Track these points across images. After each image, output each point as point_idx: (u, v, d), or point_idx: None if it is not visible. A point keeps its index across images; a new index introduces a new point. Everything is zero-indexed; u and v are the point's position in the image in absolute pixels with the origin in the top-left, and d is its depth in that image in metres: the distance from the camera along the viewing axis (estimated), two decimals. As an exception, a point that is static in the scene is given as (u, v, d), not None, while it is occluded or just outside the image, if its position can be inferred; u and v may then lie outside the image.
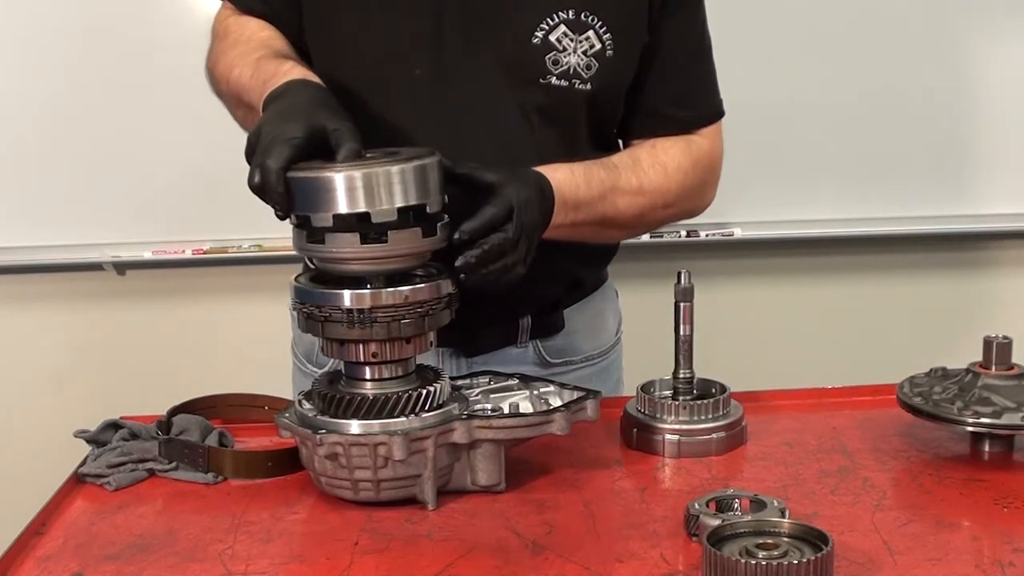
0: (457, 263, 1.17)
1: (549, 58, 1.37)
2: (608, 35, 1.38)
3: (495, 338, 1.51)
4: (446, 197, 1.18)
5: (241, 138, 1.47)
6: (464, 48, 1.38)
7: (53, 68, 2.40)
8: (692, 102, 1.50)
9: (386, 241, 1.13)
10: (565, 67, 1.37)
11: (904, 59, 2.53)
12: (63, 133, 2.42)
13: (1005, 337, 1.30)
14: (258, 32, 1.45)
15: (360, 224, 1.12)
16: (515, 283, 1.22)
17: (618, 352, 1.65)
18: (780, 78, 2.47)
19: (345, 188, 1.11)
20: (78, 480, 1.27)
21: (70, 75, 2.40)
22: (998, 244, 2.72)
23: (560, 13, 1.36)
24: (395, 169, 1.12)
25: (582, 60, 1.37)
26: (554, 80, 1.38)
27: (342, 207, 1.11)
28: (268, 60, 1.35)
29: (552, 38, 1.36)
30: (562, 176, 1.33)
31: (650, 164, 1.44)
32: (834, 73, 2.52)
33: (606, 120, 1.48)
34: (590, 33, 1.37)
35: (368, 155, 1.15)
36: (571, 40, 1.37)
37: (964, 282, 2.72)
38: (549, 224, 1.29)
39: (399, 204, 1.12)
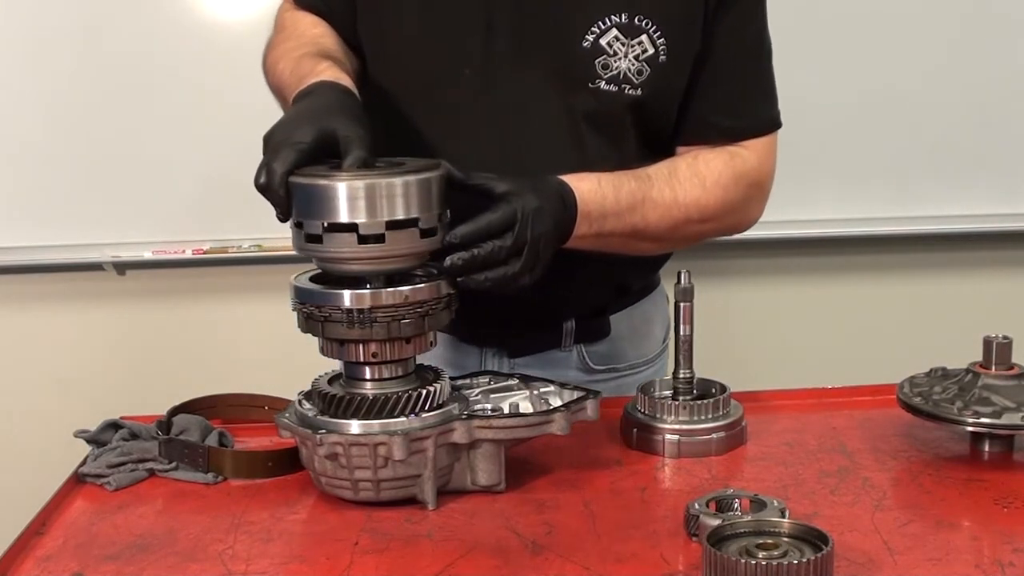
0: (445, 263, 1.16)
1: (599, 62, 1.34)
2: (662, 40, 1.34)
3: (539, 340, 1.51)
4: (448, 212, 1.18)
5: (241, 139, 1.48)
6: (514, 49, 1.36)
7: (54, 68, 2.40)
8: (742, 111, 1.44)
9: (384, 241, 1.13)
10: (615, 72, 1.34)
11: (904, 59, 2.53)
12: (64, 133, 2.42)
13: (1005, 337, 1.30)
14: (310, 29, 1.44)
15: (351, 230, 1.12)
16: (521, 292, 1.21)
17: (664, 360, 1.63)
18: (780, 78, 2.47)
19: (346, 197, 1.11)
20: (78, 480, 1.27)
21: (71, 75, 2.40)
22: (998, 244, 2.72)
23: (613, 16, 1.33)
24: (398, 181, 1.13)
25: (633, 65, 1.34)
26: (603, 85, 1.35)
27: (342, 216, 1.11)
28: (309, 58, 1.35)
29: (603, 42, 1.34)
30: (588, 186, 1.30)
31: (687, 176, 1.39)
32: (834, 73, 2.52)
33: (658, 127, 1.43)
34: (643, 37, 1.34)
35: (377, 164, 1.16)
36: (623, 44, 1.34)
37: (964, 282, 2.72)
38: (570, 235, 1.27)
39: (399, 216, 1.13)
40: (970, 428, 1.25)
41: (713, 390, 1.36)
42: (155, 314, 2.58)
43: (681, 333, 1.34)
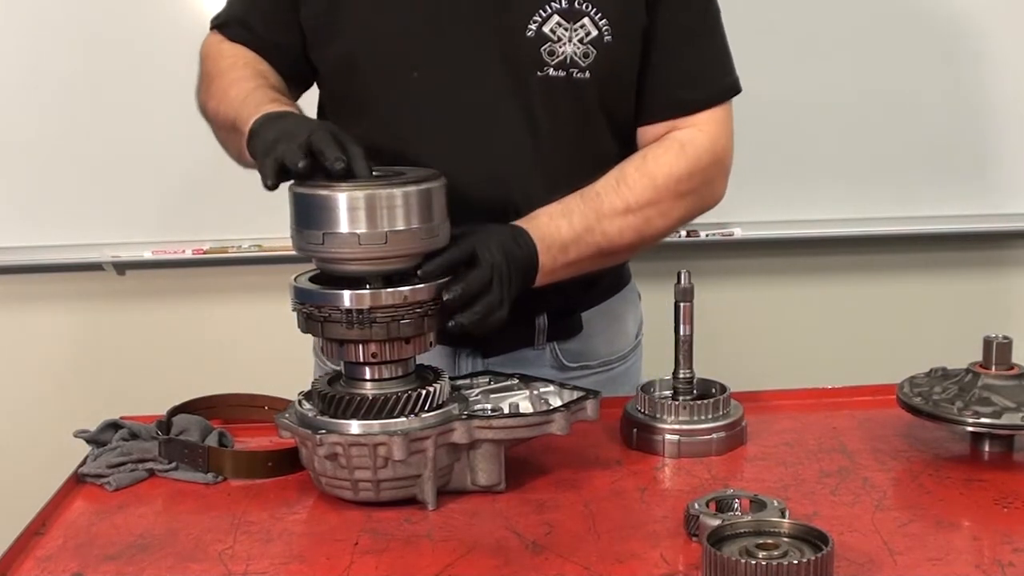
0: (445, 296, 1.17)
1: (544, 49, 1.36)
2: (604, 20, 1.37)
3: (512, 338, 1.50)
4: (448, 221, 1.19)
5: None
6: (460, 47, 1.38)
7: (54, 69, 2.39)
8: (698, 82, 1.45)
9: (385, 242, 1.13)
10: (561, 57, 1.36)
11: (904, 59, 2.52)
12: (64, 134, 2.42)
13: (1005, 337, 1.30)
14: (254, 63, 1.46)
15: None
16: (500, 326, 1.23)
17: (637, 356, 1.64)
18: (780, 78, 2.47)
19: (347, 208, 1.12)
20: (78, 480, 1.27)
21: (71, 76, 2.40)
22: (998, 244, 2.72)
23: (553, 3, 1.36)
24: (398, 191, 1.13)
25: (579, 48, 1.36)
26: (551, 71, 1.37)
27: (343, 227, 1.12)
28: (264, 89, 1.38)
29: (546, 29, 1.36)
30: (541, 223, 1.33)
31: (637, 179, 1.40)
32: (834, 73, 2.51)
33: (617, 108, 1.44)
34: (585, 20, 1.36)
35: (376, 173, 1.17)
36: (566, 29, 1.36)
37: (964, 282, 2.72)
38: (536, 271, 1.30)
39: (399, 227, 1.13)
40: (970, 428, 1.25)
41: (713, 390, 1.36)
42: (155, 314, 2.58)
43: (681, 333, 1.34)
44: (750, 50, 2.41)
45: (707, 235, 2.53)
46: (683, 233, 2.51)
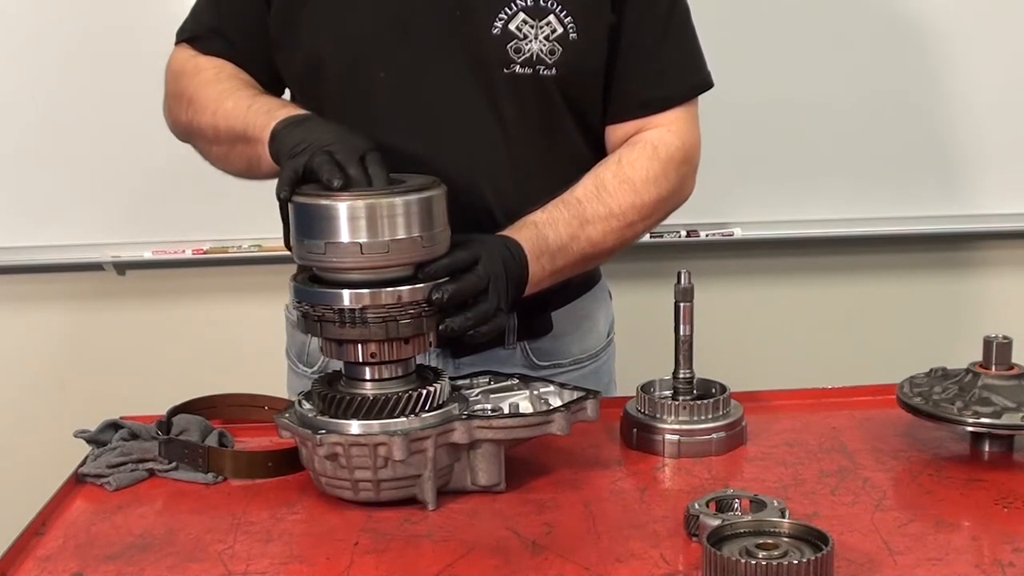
0: (434, 295, 1.17)
1: (510, 47, 1.37)
2: (569, 18, 1.38)
3: None
4: (449, 229, 1.19)
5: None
6: (427, 47, 1.39)
7: (53, 68, 2.39)
8: (664, 80, 1.46)
9: (387, 252, 1.14)
10: (527, 55, 1.37)
11: (903, 59, 2.52)
12: (63, 133, 2.42)
13: (1005, 337, 1.30)
14: (238, 74, 1.46)
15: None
16: (498, 332, 1.23)
17: (609, 355, 1.64)
18: (781, 78, 2.47)
19: (347, 217, 1.12)
20: (78, 480, 1.27)
21: (70, 75, 2.40)
22: (997, 244, 2.71)
23: (519, 1, 1.36)
24: (399, 200, 1.13)
25: (544, 46, 1.37)
26: (518, 69, 1.38)
27: (343, 236, 1.12)
28: (266, 96, 1.38)
29: (512, 27, 1.36)
30: (528, 234, 1.33)
31: (615, 185, 1.41)
32: (834, 73, 2.51)
33: (584, 106, 1.45)
34: (550, 18, 1.37)
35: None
36: (531, 27, 1.36)
37: (964, 282, 2.72)
38: (526, 281, 1.31)
39: (400, 236, 1.14)
40: (970, 428, 1.25)
41: (713, 390, 1.36)
42: (155, 314, 2.58)
43: (681, 333, 1.34)
44: (749, 51, 2.43)
45: (707, 235, 2.53)
46: (683, 233, 2.51)
